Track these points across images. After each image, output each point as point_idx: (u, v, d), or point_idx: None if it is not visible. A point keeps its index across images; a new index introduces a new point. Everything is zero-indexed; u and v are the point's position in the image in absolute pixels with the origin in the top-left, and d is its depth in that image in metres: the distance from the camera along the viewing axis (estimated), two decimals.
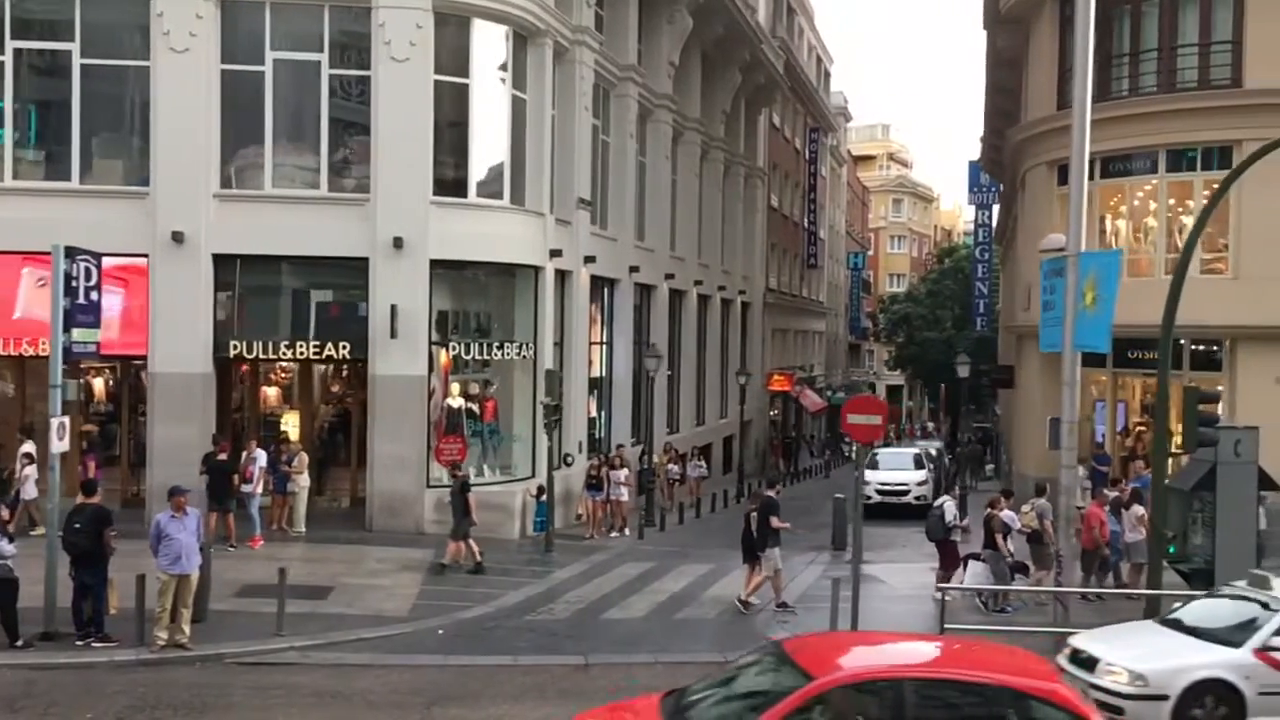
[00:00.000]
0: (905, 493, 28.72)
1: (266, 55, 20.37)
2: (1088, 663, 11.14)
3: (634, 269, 28.44)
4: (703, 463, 29.40)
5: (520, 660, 13.29)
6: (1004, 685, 7.61)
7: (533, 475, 22.75)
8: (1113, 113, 23.99)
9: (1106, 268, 13.74)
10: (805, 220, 57.53)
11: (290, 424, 22.48)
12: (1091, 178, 24.47)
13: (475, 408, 22.30)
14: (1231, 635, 10.95)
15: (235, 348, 20.30)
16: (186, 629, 12.91)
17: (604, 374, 28.07)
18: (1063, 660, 11.42)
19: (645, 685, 11.75)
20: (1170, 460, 20.42)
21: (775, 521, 17.05)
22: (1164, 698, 10.53)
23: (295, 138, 20.92)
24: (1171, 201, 24.01)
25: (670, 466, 27.82)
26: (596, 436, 27.50)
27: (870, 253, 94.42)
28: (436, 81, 20.88)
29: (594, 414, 27.40)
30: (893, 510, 28.02)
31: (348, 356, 20.70)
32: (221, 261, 20.27)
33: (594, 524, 22.20)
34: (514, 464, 22.79)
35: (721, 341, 39.81)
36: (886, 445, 33.79)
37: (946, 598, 16.72)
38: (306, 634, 13.70)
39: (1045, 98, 26.15)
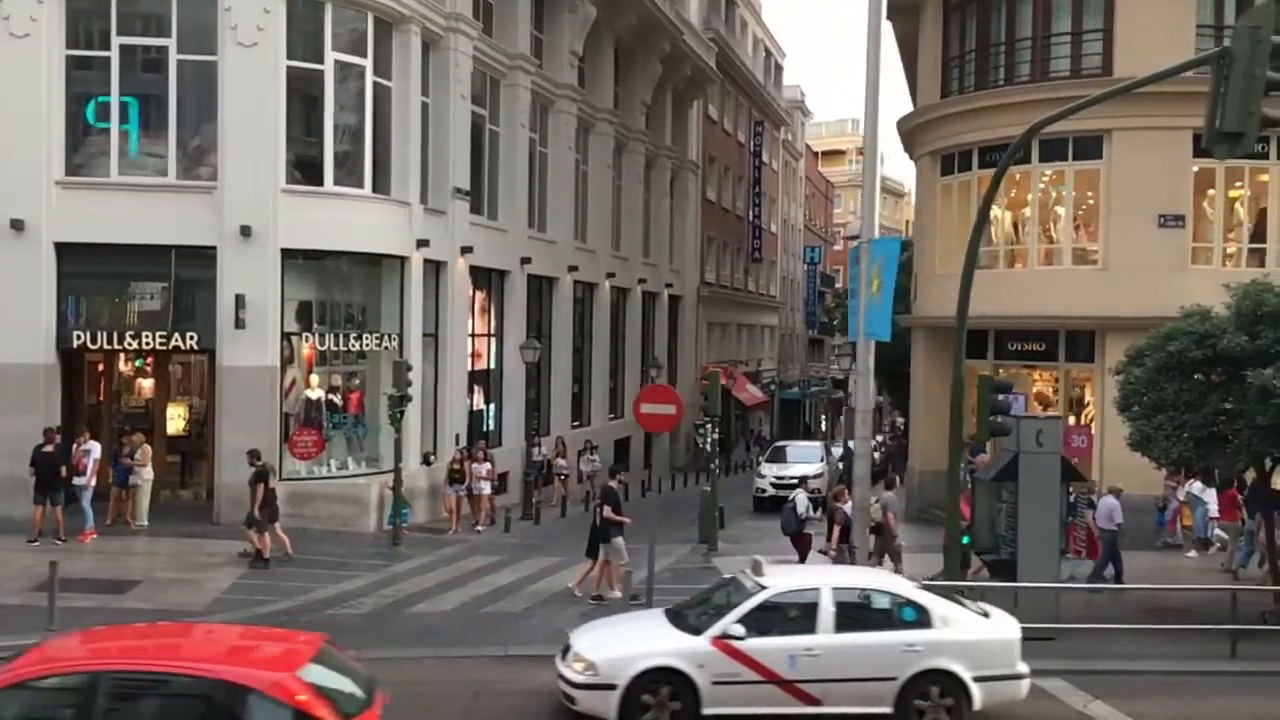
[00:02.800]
0: (797, 487, 28.41)
1: (113, 40, 20.01)
2: (564, 652, 10.89)
3: (526, 260, 28.10)
4: (595, 457, 29.07)
5: None
6: (216, 678, 7.15)
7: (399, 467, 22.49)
8: (989, 101, 23.84)
9: (888, 255, 13.50)
10: (749, 214, 57.26)
11: (146, 416, 22.14)
12: (970, 167, 24.47)
13: (338, 400, 21.97)
14: (707, 623, 10.62)
15: (79, 338, 19.93)
16: None
17: (494, 367, 27.76)
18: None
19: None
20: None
21: (607, 512, 16.87)
22: (612, 687, 10.22)
23: (144, 124, 20.54)
24: (1046, 192, 23.78)
25: (559, 461, 27.50)
26: (485, 430, 27.22)
27: (837, 247, 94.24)
28: (289, 67, 20.56)
29: (481, 407, 27.12)
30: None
31: (195, 347, 20.37)
32: (65, 250, 19.90)
33: (455, 518, 21.88)
34: (380, 456, 22.47)
35: (644, 335, 39.53)
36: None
37: None
38: (80, 629, 13.35)
39: (930, 87, 25.92)
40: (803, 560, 18.17)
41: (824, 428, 75.67)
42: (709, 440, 21.66)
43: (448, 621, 14.83)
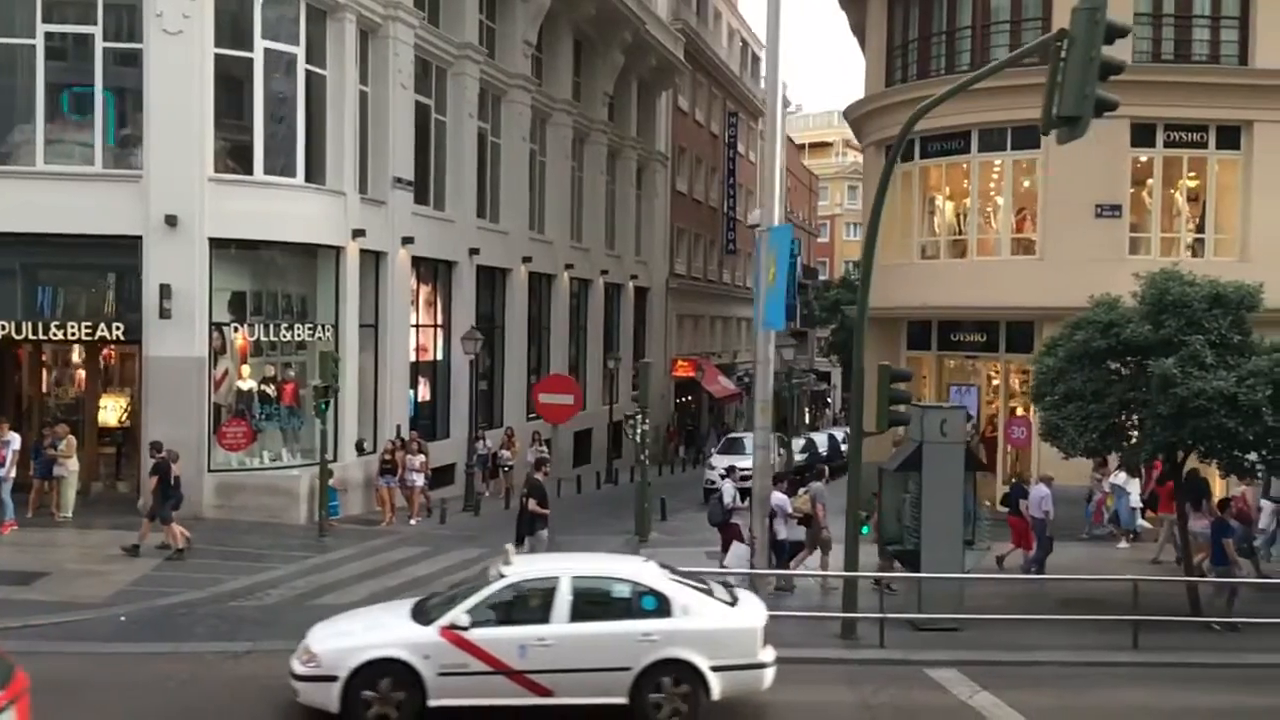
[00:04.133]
0: (747, 477, 28.31)
1: (37, 28, 19.82)
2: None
3: (474, 251, 27.96)
4: (544, 449, 28.95)
5: (181, 648, 12.89)
6: None
7: (334, 459, 22.39)
8: (931, 90, 23.38)
9: (782, 243, 13.34)
10: (723, 205, 57.10)
11: (78, 408, 22.02)
12: (911, 157, 24.32)
13: (271, 391, 21.85)
14: (440, 614, 10.42)
15: (4, 329, 19.79)
16: None
17: (442, 358, 27.63)
18: None
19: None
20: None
21: (533, 505, 16.80)
22: (333, 679, 10.01)
23: (71, 113, 20.39)
24: (985, 182, 23.65)
25: (502, 452, 27.38)
26: (434, 421, 27.12)
27: (824, 240, 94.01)
28: (218, 55, 20.40)
29: (427, 398, 27.01)
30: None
31: (122, 338, 20.26)
32: None
33: (389, 510, 21.77)
34: (316, 448, 22.29)
35: (607, 327, 39.41)
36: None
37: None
38: None
39: (876, 75, 25.78)
40: (725, 551, 18.07)
41: (806, 420, 75.65)
42: (639, 432, 21.53)
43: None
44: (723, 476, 28.61)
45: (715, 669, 10.33)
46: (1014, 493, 19.19)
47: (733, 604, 10.91)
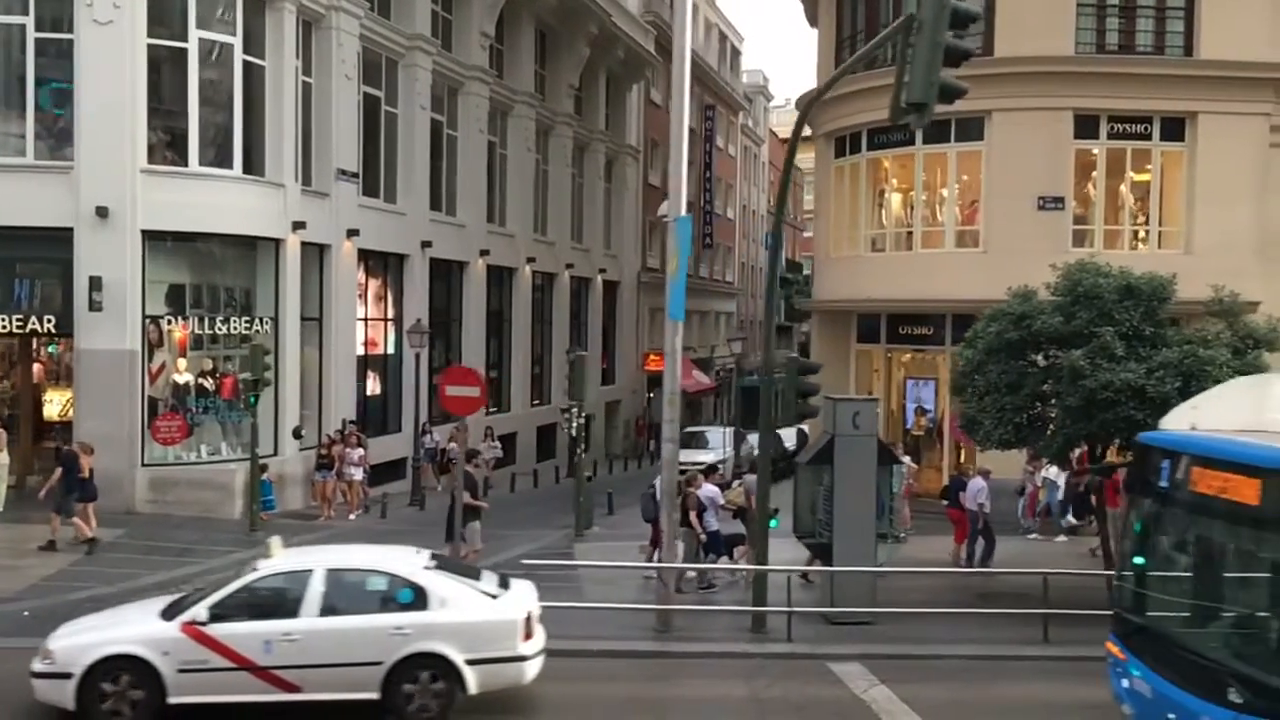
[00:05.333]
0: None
1: None
2: None
3: (427, 244, 27.80)
4: (498, 444, 28.88)
5: None
6: None
7: (275, 453, 22.28)
8: (876, 82, 23.38)
9: (681, 234, 13.18)
10: (700, 199, 56.93)
11: (15, 403, 21.87)
12: (860, 149, 24.17)
13: (209, 384, 21.69)
14: (185, 609, 10.26)
15: None
16: None
17: (393, 352, 27.49)
18: None
19: None
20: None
21: (468, 499, 16.67)
22: (68, 675, 9.79)
23: (2, 104, 20.23)
24: (930, 174, 23.48)
25: (451, 446, 27.19)
26: (384, 415, 27.00)
27: (810, 235, 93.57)
28: (150, 45, 20.24)
29: (376, 392, 26.88)
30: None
31: (53, 331, 20.11)
32: None
33: (327, 505, 21.62)
34: (257, 442, 22.17)
35: (573, 320, 39.27)
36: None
37: (649, 577, 16.51)
38: None
39: (826, 67, 25.62)
40: (654, 545, 17.93)
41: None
42: (574, 426, 21.40)
43: None
44: (683, 470, 28.69)
45: (471, 662, 10.12)
46: (953, 485, 19.08)
47: (497, 596, 10.67)
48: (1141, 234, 22.21)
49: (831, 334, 25.74)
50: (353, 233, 24.36)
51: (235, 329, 21.61)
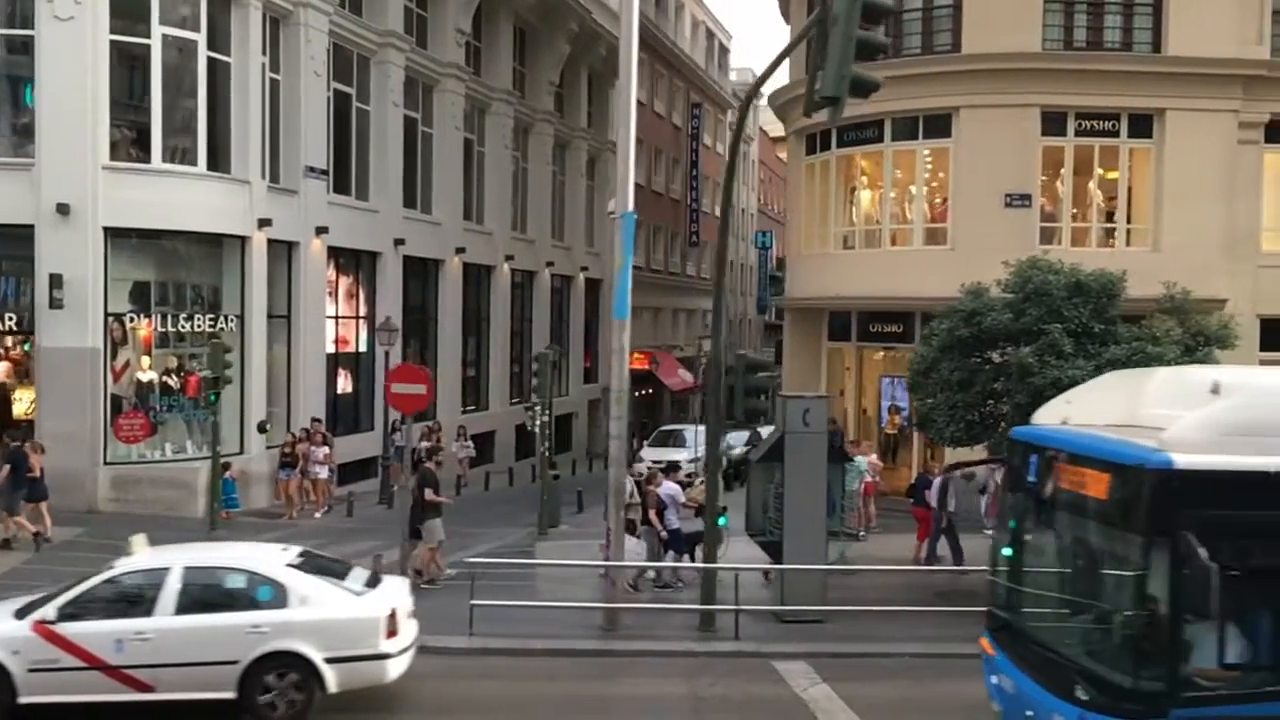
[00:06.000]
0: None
1: None
2: None
3: (400, 241, 27.71)
4: (470, 443, 28.81)
5: None
6: None
7: (241, 452, 22.22)
8: None
9: (629, 231, 13.11)
10: (687, 197, 56.89)
11: None
12: (829, 147, 24.09)
13: (174, 382, 21.61)
14: (39, 607, 10.15)
15: None
16: None
17: (365, 350, 27.40)
18: None
19: None
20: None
21: (430, 495, 16.61)
22: None
23: None
24: (898, 171, 23.41)
25: (422, 445, 27.10)
26: (355, 413, 26.93)
27: None
28: (113, 42, 20.17)
29: (348, 390, 26.80)
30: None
31: (15, 329, 20.04)
32: None
33: (290, 503, 21.53)
34: (222, 440, 22.05)
35: (554, 319, 39.20)
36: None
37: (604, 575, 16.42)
38: None
39: (798, 63, 25.50)
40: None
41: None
42: (537, 423, 21.33)
43: None
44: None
45: (331, 660, 10.01)
46: (918, 483, 19.01)
47: (361, 594, 10.54)
48: (1109, 231, 22.13)
49: (804, 332, 25.68)
50: (322, 230, 24.27)
51: (200, 326, 21.53)
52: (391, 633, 10.27)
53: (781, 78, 30.12)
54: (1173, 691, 6.63)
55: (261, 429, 22.06)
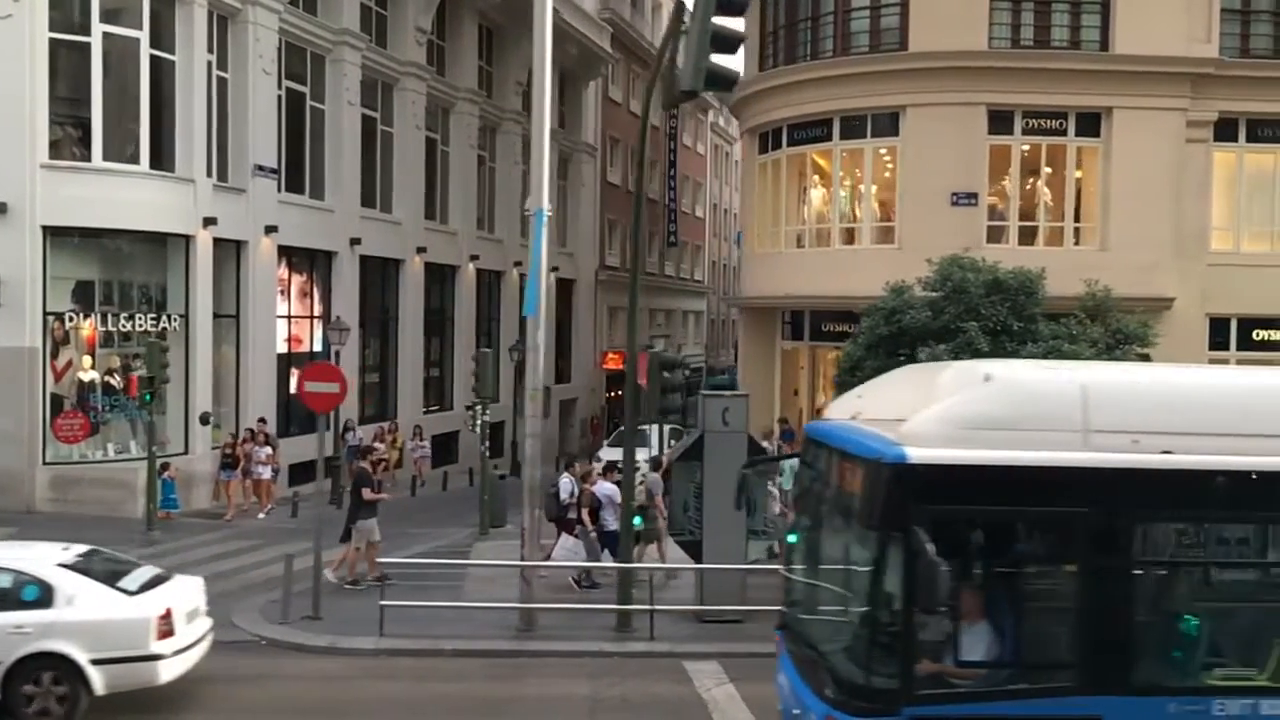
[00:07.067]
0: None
1: None
2: None
3: (356, 241, 27.59)
4: (425, 443, 28.69)
5: None
6: None
7: (185, 451, 22.11)
8: (795, 77, 23.42)
9: (537, 228, 13.00)
10: (665, 197, 56.77)
11: None
12: (780, 145, 24.00)
13: (116, 382, 21.48)
14: None
15: None
16: None
17: (320, 349, 27.24)
18: None
19: None
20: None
21: (367, 494, 16.54)
22: None
23: None
24: (847, 170, 23.30)
25: (376, 445, 26.96)
26: (310, 413, 26.73)
27: None
28: (52, 40, 20.06)
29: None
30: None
31: None
32: None
33: (231, 504, 21.38)
34: (168, 440, 21.97)
35: (522, 318, 38.97)
36: None
37: (541, 575, 16.33)
38: None
39: (753, 61, 25.43)
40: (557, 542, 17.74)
41: None
42: (478, 423, 21.22)
43: None
44: (613, 467, 28.52)
45: (97, 662, 9.82)
46: None
47: (135, 593, 10.32)
48: (1058, 230, 22.03)
49: (758, 332, 25.59)
50: (272, 229, 24.13)
51: (144, 326, 21.39)
52: (165, 634, 10.08)
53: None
54: (905, 689, 6.46)
55: (204, 421, 21.90)
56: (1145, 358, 17.83)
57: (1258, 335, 21.91)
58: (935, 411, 6.62)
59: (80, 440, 20.26)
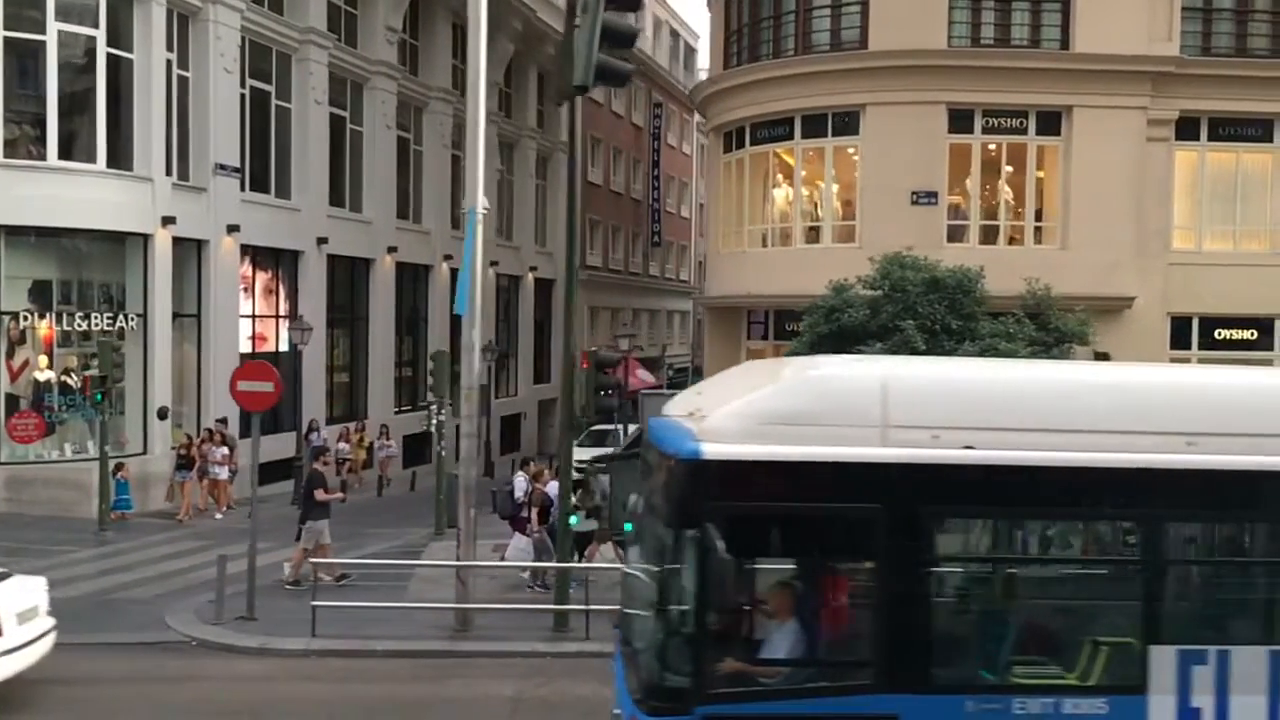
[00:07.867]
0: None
1: None
2: None
3: (323, 240, 27.49)
4: (391, 443, 28.60)
5: None
6: None
7: (144, 451, 22.01)
8: (757, 75, 23.34)
9: (469, 227, 12.92)
10: (649, 197, 56.71)
11: None
12: (744, 144, 23.92)
13: (73, 381, 21.38)
14: None
15: None
16: None
17: (286, 349, 27.12)
18: None
19: None
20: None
21: (320, 494, 16.45)
22: None
23: None
24: (808, 169, 23.21)
25: (341, 445, 26.94)
26: (274, 413, 26.63)
27: None
28: (7, 38, 19.99)
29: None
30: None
31: None
32: None
33: (185, 504, 21.26)
34: (127, 440, 21.90)
35: (500, 318, 39.00)
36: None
37: (492, 576, 16.27)
38: None
39: (717, 59, 25.36)
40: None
41: None
42: (434, 422, 21.14)
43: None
44: (580, 467, 28.42)
45: None
46: None
47: None
48: (1019, 229, 21.97)
49: (723, 332, 25.50)
50: (234, 228, 24.03)
51: (102, 325, 21.29)
52: None
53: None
54: (697, 688, 6.36)
55: (162, 415, 21.78)
56: (1104, 357, 17.89)
57: (1220, 334, 21.87)
58: (735, 407, 6.51)
59: (35, 440, 20.16)
